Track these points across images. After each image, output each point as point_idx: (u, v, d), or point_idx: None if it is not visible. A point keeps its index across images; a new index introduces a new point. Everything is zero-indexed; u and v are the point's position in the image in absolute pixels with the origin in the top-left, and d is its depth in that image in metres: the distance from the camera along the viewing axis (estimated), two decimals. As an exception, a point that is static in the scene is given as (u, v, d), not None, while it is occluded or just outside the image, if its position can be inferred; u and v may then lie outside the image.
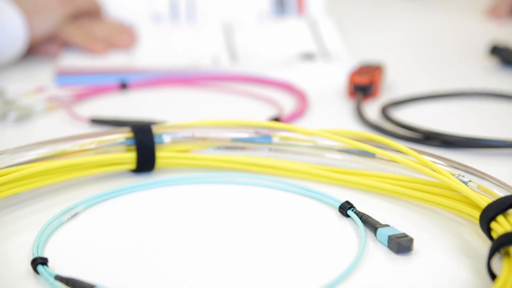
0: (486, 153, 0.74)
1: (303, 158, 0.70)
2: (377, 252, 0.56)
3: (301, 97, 0.88)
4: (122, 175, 0.69)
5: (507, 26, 1.24)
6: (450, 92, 0.90)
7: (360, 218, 0.59)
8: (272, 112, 0.85)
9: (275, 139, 0.70)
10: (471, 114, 0.86)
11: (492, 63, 1.01)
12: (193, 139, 0.70)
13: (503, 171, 0.70)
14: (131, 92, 0.93)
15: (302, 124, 0.82)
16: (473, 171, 0.61)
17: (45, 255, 0.55)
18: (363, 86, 0.87)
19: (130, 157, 0.68)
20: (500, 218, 0.55)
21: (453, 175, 0.61)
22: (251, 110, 0.88)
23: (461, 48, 1.12)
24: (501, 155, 0.73)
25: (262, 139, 0.70)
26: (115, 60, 1.02)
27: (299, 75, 0.97)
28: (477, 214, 0.58)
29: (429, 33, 1.22)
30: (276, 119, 0.80)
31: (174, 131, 0.70)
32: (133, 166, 0.68)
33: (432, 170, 0.62)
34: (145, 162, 0.68)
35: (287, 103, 0.88)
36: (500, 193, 0.58)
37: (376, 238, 0.57)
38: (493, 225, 0.55)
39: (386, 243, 0.56)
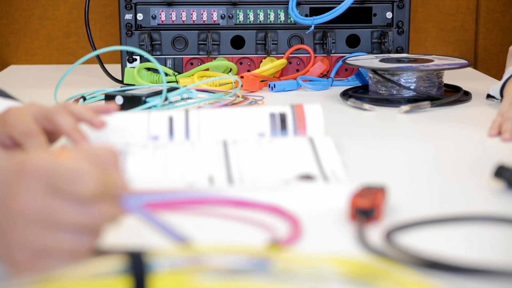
0: (495, 282, 0.70)
1: (302, 285, 0.67)
2: None
3: (293, 222, 0.85)
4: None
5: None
6: (456, 216, 0.87)
7: None
8: (269, 237, 0.83)
9: (273, 265, 0.68)
10: (478, 239, 0.83)
11: (498, 185, 0.99)
12: (189, 265, 0.68)
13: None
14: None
15: (301, 249, 0.79)
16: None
17: None
18: (365, 209, 0.85)
19: (122, 286, 0.65)
20: None
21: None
22: (247, 235, 0.85)
23: (466, 168, 1.10)
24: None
25: (259, 265, 0.68)
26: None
27: (297, 197, 0.94)
28: None
29: (431, 152, 1.20)
30: (274, 244, 0.78)
31: (169, 258, 0.67)
32: (125, 294, 0.65)
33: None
34: (138, 290, 0.65)
35: (286, 227, 0.85)
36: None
37: None
38: None
39: None
